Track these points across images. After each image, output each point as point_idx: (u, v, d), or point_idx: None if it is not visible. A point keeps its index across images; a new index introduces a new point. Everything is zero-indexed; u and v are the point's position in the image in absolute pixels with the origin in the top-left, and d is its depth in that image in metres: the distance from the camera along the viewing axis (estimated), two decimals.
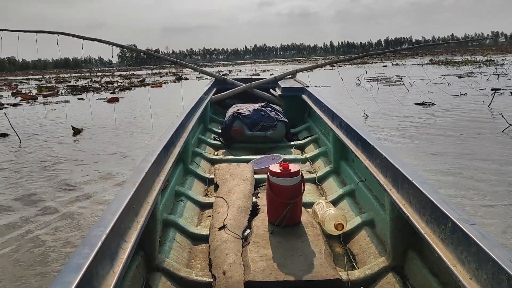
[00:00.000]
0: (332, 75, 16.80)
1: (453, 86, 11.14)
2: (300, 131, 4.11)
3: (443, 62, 26.39)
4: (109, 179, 3.97)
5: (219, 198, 2.18)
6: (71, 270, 0.83)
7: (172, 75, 27.08)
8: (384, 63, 30.44)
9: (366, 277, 1.48)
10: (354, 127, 2.18)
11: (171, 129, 2.26)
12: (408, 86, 11.43)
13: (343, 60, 7.25)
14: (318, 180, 2.62)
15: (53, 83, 25.07)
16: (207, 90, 4.51)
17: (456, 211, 1.08)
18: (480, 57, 29.73)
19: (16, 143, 6.00)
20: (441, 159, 4.08)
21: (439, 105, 7.83)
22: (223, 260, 1.53)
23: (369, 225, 1.82)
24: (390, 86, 12.31)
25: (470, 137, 4.99)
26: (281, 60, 46.67)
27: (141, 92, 15.22)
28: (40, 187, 3.77)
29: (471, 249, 0.95)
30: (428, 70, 17.26)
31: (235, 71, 33.54)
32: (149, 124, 7.13)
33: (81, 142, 6.00)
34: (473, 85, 10.85)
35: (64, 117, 8.73)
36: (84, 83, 21.97)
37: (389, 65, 27.26)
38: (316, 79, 8.69)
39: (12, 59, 74.02)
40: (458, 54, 44.73)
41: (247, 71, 30.86)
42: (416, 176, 1.35)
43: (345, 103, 8.10)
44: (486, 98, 7.93)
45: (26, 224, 2.89)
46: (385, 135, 5.38)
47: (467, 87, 10.53)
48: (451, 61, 26.73)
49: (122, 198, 1.20)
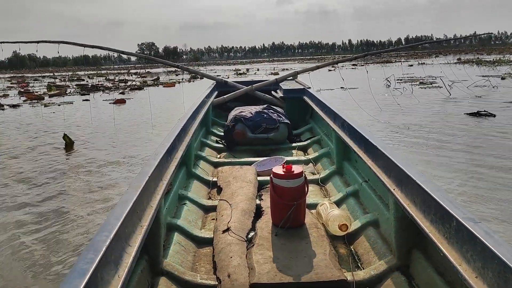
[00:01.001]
0: (357, 75, 15.57)
1: (501, 89, 9.54)
2: (303, 133, 4.11)
3: (473, 61, 24.54)
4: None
5: (223, 201, 2.18)
6: (76, 275, 0.83)
7: (188, 73, 26.23)
8: (409, 62, 28.63)
9: (372, 277, 1.48)
10: (356, 127, 2.18)
11: (174, 132, 2.27)
12: (447, 88, 9.88)
13: (343, 60, 7.24)
14: (322, 181, 2.61)
15: (66, 81, 24.51)
16: (208, 93, 4.52)
17: (460, 210, 1.07)
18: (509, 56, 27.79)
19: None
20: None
21: (501, 117, 6.01)
22: (227, 263, 1.53)
23: (373, 225, 1.82)
24: (427, 88, 11.14)
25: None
26: (298, 58, 45.72)
27: (152, 92, 14.43)
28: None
29: (476, 247, 0.94)
30: (460, 70, 15.37)
31: (253, 69, 31.80)
32: (147, 135, 6.31)
33: (69, 157, 5.15)
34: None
35: (60, 122, 8.03)
36: (97, 82, 21.13)
37: (415, 64, 25.43)
38: (339, 79, 7.62)
39: (32, 56, 74.39)
40: (484, 53, 42.74)
41: (265, 70, 29.33)
42: (419, 175, 1.34)
43: (378, 115, 6.73)
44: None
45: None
46: (441, 170, 3.72)
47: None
48: (482, 60, 24.75)
49: (125, 203, 1.20)
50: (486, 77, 12.01)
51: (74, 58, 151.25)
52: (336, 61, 6.55)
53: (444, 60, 27.77)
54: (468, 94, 8.79)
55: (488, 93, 8.98)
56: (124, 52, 6.07)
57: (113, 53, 5.78)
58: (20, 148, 5.80)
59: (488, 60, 24.97)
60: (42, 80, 27.24)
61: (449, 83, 10.52)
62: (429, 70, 17.37)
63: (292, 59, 23.73)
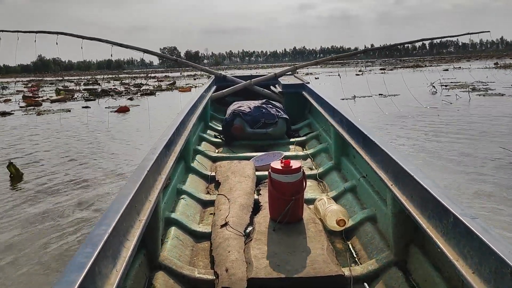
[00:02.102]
0: (391, 79, 13.73)
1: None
2: (301, 128, 4.11)
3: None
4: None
5: (221, 195, 2.18)
6: (74, 269, 0.83)
7: (207, 77, 24.93)
8: (442, 66, 26.47)
9: (369, 272, 1.49)
10: (354, 123, 2.18)
11: (172, 127, 2.26)
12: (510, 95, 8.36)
13: (342, 55, 7.22)
14: (320, 176, 2.62)
15: (80, 85, 23.78)
16: (207, 87, 4.51)
17: (458, 206, 1.08)
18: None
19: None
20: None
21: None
22: (225, 257, 1.53)
23: (371, 221, 1.82)
24: (486, 96, 9.50)
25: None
26: (321, 61, 41.96)
27: (164, 98, 13.71)
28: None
29: (473, 243, 0.95)
30: (507, 75, 14.23)
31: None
32: (134, 158, 4.79)
33: (7, 196, 3.59)
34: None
35: (36, 137, 6.59)
36: (112, 86, 20.37)
37: (450, 68, 23.51)
38: (369, 83, 6.79)
39: (57, 60, 74.30)
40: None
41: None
42: (417, 171, 1.34)
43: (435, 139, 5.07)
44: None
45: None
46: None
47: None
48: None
49: (124, 197, 1.20)
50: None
51: (98, 62, 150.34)
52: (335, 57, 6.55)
53: (480, 64, 25.50)
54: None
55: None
56: (122, 44, 5.98)
57: (136, 55, 5.67)
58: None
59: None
60: (58, 84, 25.53)
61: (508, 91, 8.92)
62: (475, 75, 15.66)
63: (314, 63, 22.20)
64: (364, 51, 14.31)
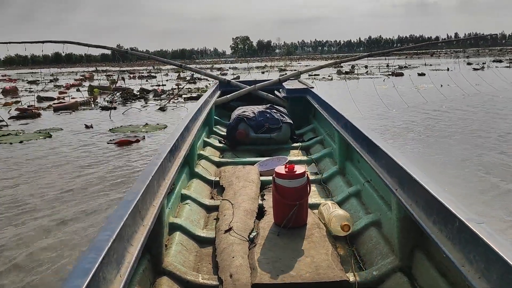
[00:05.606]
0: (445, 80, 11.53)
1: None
2: (305, 133, 4.10)
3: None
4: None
5: (225, 200, 2.18)
6: (78, 275, 0.83)
7: (278, 70, 20.06)
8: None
9: (374, 278, 1.48)
10: (359, 127, 2.17)
11: (176, 132, 2.27)
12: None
13: (345, 60, 7.21)
14: (324, 181, 2.61)
15: (131, 77, 21.42)
16: (211, 92, 4.52)
17: (463, 210, 1.07)
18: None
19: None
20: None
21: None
22: (229, 262, 1.53)
23: (375, 226, 1.81)
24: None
25: None
26: (406, 52, 36.12)
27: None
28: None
29: (479, 248, 0.94)
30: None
31: (358, 66, 23.88)
32: None
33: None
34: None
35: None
36: (166, 79, 17.88)
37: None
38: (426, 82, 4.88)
39: (134, 49, 75.89)
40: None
41: (374, 65, 22.20)
42: (422, 176, 1.34)
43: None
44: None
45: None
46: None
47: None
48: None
49: (128, 202, 1.21)
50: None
51: (173, 51, 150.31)
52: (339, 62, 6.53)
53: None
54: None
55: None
56: (113, 49, 5.85)
57: (209, 45, 5.42)
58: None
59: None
60: (116, 74, 20.44)
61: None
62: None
63: (394, 53, 19.87)
64: (368, 56, 13.98)
